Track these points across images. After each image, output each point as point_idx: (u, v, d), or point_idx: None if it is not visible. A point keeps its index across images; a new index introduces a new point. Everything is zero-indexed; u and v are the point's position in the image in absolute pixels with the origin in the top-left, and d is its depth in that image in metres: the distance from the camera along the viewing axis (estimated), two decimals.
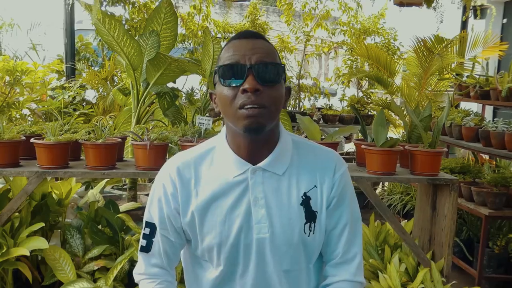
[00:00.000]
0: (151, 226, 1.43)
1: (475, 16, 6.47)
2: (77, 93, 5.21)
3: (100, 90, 5.66)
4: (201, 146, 1.48)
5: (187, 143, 2.64)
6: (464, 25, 6.47)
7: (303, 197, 1.38)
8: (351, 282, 1.42)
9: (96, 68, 6.11)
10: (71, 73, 5.70)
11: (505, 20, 7.33)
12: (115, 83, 5.79)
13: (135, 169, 2.66)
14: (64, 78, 5.64)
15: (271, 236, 1.35)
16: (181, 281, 1.75)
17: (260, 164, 1.37)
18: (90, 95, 5.81)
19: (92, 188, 3.71)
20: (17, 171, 2.59)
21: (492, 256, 3.81)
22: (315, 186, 1.39)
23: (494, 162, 4.96)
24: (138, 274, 1.46)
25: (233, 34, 6.50)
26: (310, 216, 1.38)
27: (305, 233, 1.37)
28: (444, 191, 2.80)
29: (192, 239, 1.42)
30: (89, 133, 2.73)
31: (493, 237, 3.94)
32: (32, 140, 2.59)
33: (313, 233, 1.38)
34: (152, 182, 5.10)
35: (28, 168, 2.61)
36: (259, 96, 1.27)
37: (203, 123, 2.84)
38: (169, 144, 2.72)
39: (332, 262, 1.45)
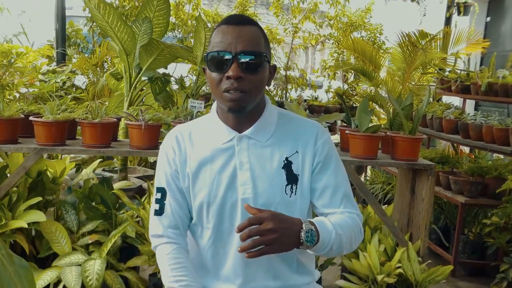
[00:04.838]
0: (161, 190, 1.57)
1: (459, 13, 6.63)
2: (68, 77, 5.28)
3: (90, 76, 5.74)
4: (197, 119, 1.68)
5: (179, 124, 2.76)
6: (448, 21, 6.64)
7: (285, 161, 1.53)
8: (353, 213, 1.56)
9: (87, 54, 6.18)
10: (62, 58, 5.77)
11: (488, 19, 7.52)
12: (105, 69, 5.88)
13: (129, 148, 2.77)
14: (54, 63, 5.71)
15: (254, 196, 1.50)
16: None
17: (245, 132, 1.53)
18: (79, 81, 5.87)
19: (81, 170, 3.81)
20: (16, 147, 2.69)
21: (467, 243, 3.98)
22: (297, 151, 1.54)
23: (473, 156, 5.15)
24: (156, 236, 1.57)
25: None
26: (292, 178, 1.53)
27: (287, 193, 1.51)
28: (422, 176, 2.96)
29: (188, 200, 1.57)
30: (86, 113, 2.83)
31: (468, 225, 4.13)
32: (31, 118, 2.69)
33: (295, 194, 1.53)
34: (142, 166, 5.18)
35: (26, 144, 2.71)
36: (241, 82, 1.43)
37: (195, 106, 2.97)
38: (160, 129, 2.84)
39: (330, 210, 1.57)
